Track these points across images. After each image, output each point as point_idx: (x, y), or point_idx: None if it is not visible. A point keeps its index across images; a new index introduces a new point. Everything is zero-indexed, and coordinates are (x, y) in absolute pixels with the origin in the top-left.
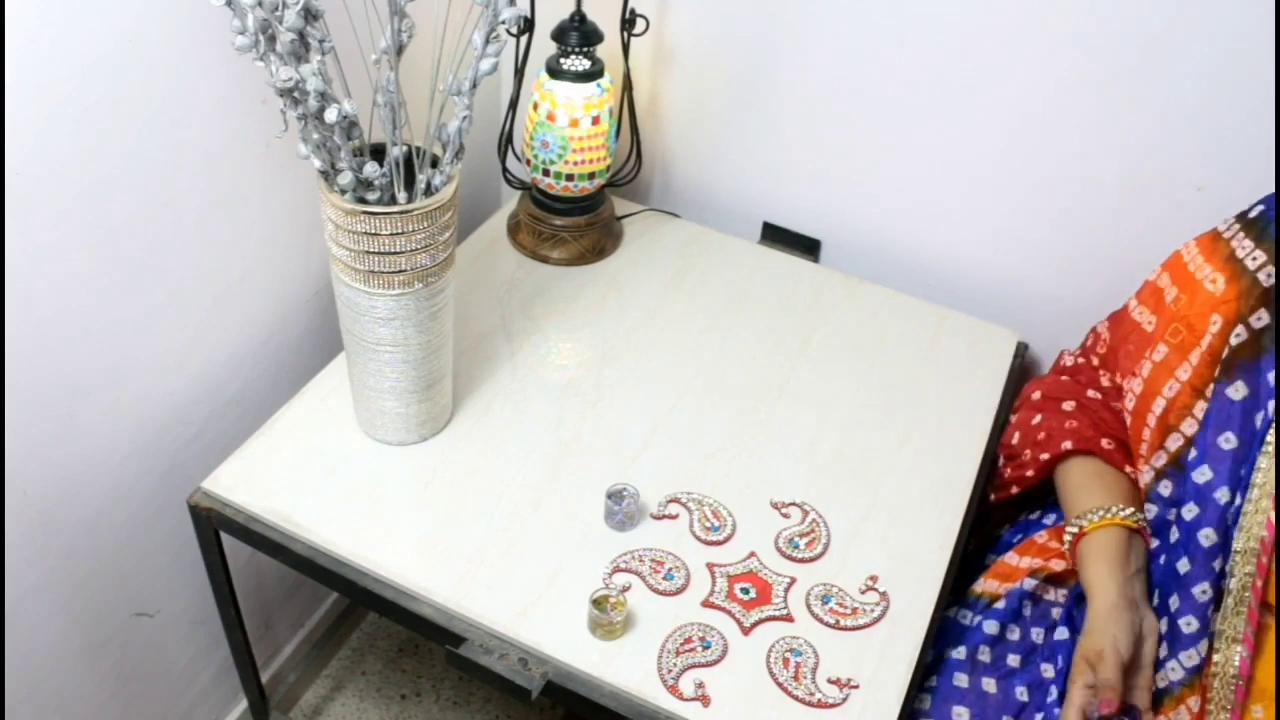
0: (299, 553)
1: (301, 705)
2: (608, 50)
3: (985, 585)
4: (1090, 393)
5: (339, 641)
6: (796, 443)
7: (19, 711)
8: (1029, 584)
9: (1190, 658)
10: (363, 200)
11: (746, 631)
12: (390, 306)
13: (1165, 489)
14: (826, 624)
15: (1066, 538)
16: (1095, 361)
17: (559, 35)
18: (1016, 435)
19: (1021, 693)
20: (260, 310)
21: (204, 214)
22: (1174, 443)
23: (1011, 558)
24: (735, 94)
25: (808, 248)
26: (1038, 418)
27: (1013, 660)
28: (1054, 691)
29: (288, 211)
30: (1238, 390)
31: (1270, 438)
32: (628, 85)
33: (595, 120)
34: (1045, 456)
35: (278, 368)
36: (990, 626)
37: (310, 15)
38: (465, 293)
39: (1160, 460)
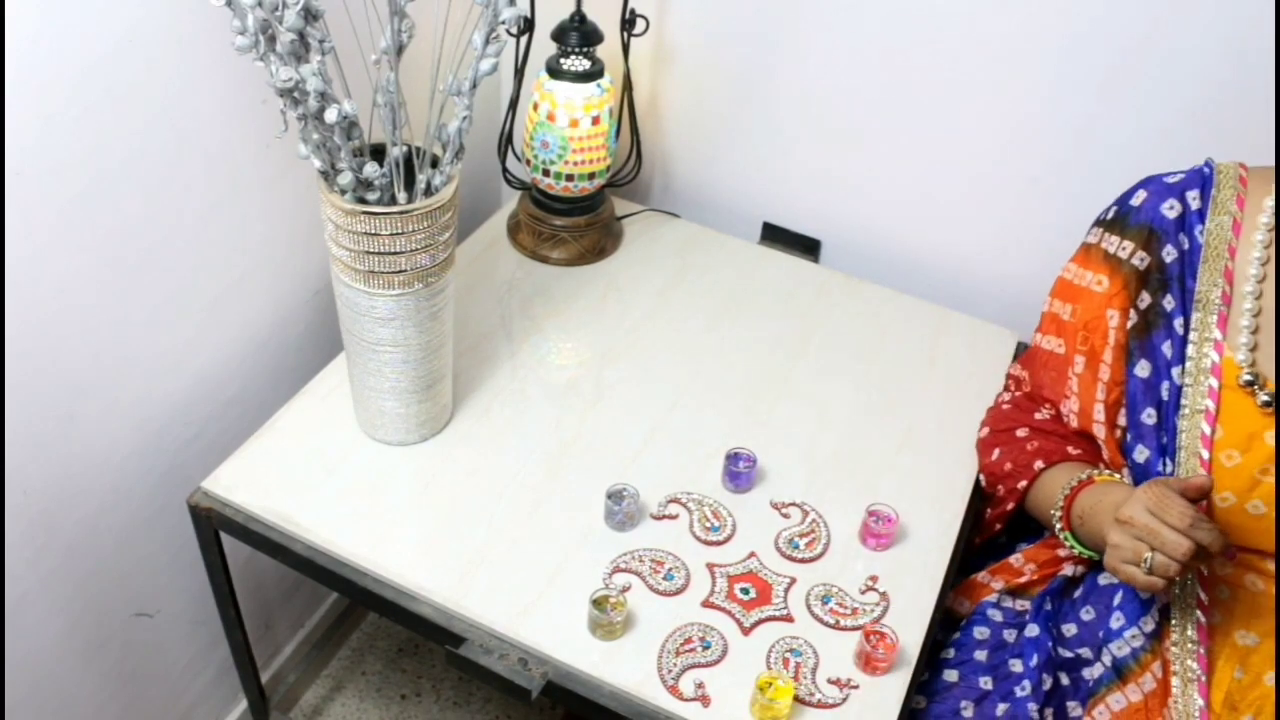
0: (299, 553)
1: (301, 705)
2: (608, 50)
3: (953, 601)
4: (1038, 415)
5: (339, 641)
6: (796, 443)
7: (19, 711)
8: (995, 594)
9: (1147, 623)
10: (363, 200)
11: (746, 631)
12: (390, 306)
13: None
14: (826, 624)
15: (1055, 512)
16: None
17: (559, 35)
18: (983, 477)
19: (985, 682)
20: (260, 310)
21: (204, 214)
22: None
23: (983, 576)
24: (735, 94)
25: (808, 248)
26: (996, 453)
27: (979, 655)
28: (1027, 685)
29: (288, 211)
30: (1143, 369)
31: (1185, 401)
32: (628, 85)
33: (595, 120)
34: (1022, 484)
35: (278, 368)
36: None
37: (310, 15)
38: (465, 293)
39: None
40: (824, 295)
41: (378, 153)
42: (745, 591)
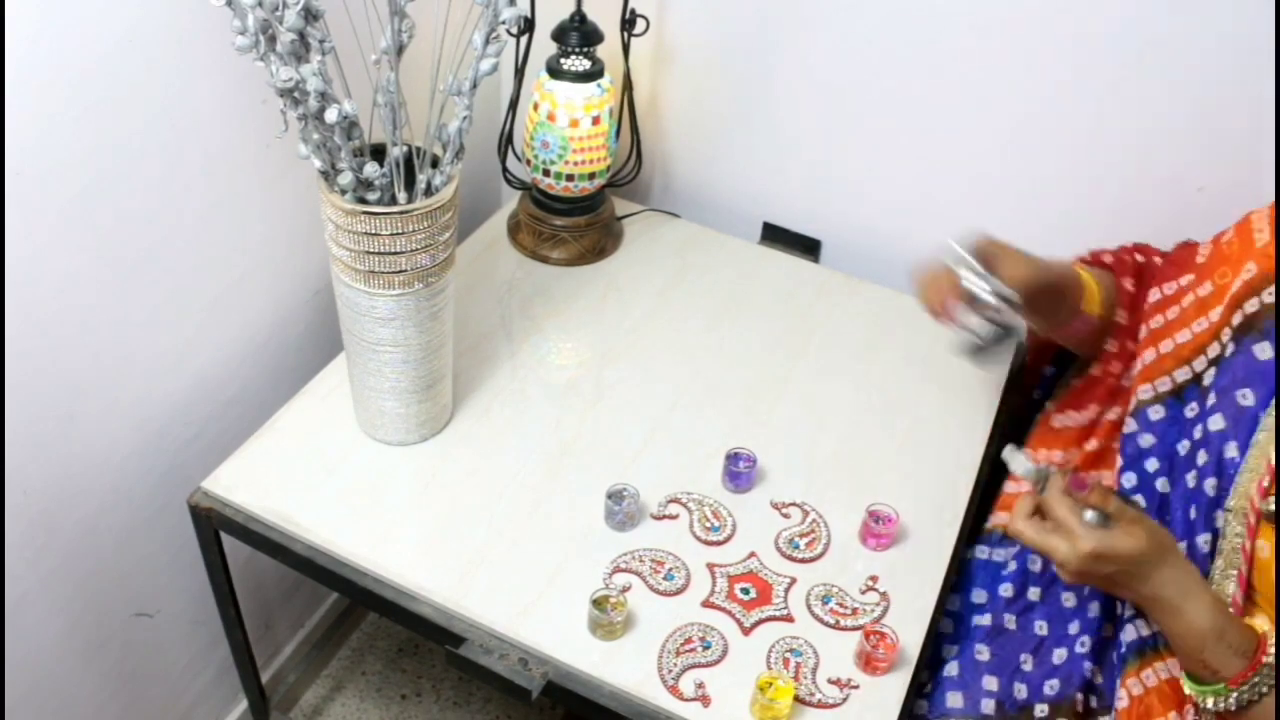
0: (299, 553)
1: (301, 705)
2: (608, 50)
3: (996, 519)
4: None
5: (339, 641)
6: (796, 443)
7: (19, 711)
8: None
9: None
10: (363, 200)
11: (746, 631)
12: (390, 306)
13: (1156, 413)
14: (826, 624)
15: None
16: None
17: (559, 35)
18: None
19: (1040, 627)
20: (260, 310)
21: (204, 214)
22: (1182, 375)
23: (1009, 486)
24: (735, 94)
25: (808, 248)
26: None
27: (1033, 593)
28: (1075, 624)
29: (288, 211)
30: (1264, 350)
31: (1271, 400)
32: (628, 85)
33: (595, 120)
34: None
35: (278, 368)
36: (1010, 563)
37: (310, 15)
38: (465, 293)
39: (1165, 386)
40: (824, 295)
41: (378, 153)
42: (745, 591)
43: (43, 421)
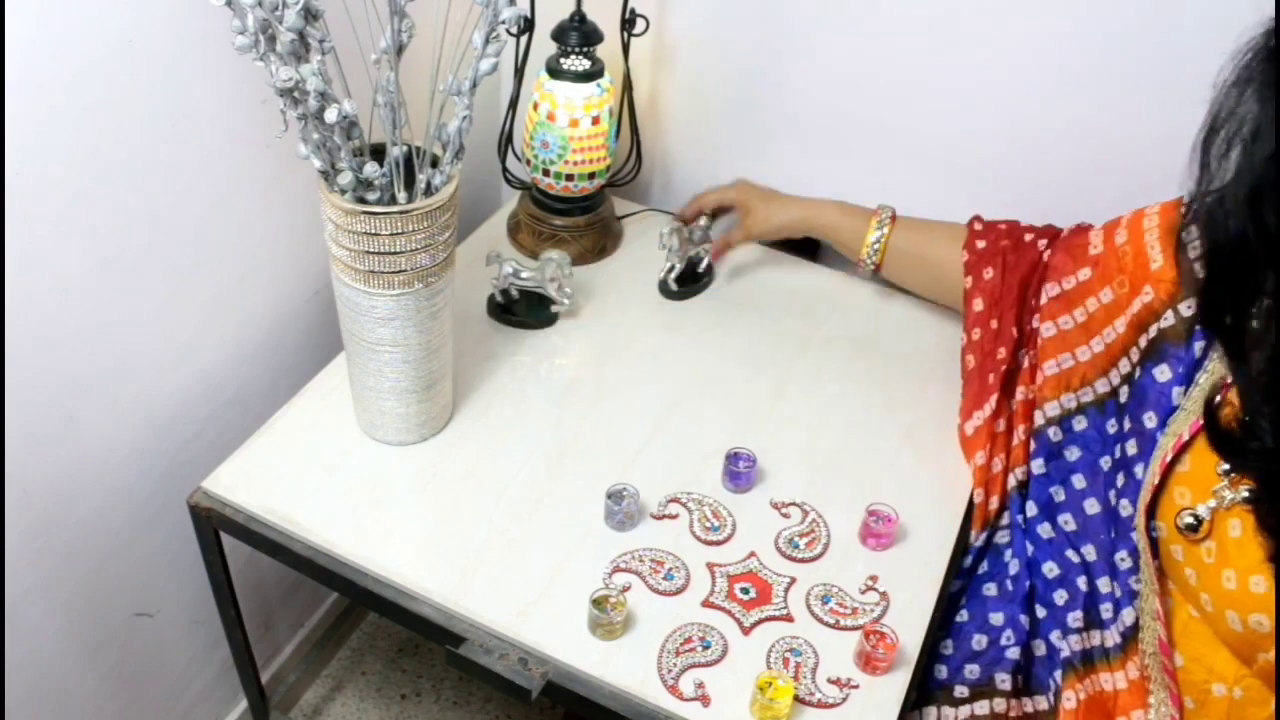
0: (299, 553)
1: (301, 705)
2: (608, 50)
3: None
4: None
5: (339, 641)
6: (796, 443)
7: (19, 711)
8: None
9: (1128, 616)
10: (363, 200)
11: (746, 631)
12: (390, 306)
13: (1080, 424)
14: (826, 624)
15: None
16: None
17: (559, 35)
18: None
19: (961, 615)
20: (260, 310)
21: (204, 214)
22: (1103, 386)
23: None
24: (735, 94)
25: (808, 248)
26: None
27: (955, 585)
28: (1000, 615)
29: (288, 211)
30: (1163, 373)
31: (1170, 419)
32: (628, 85)
33: (595, 120)
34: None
35: (278, 368)
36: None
37: (310, 15)
38: (465, 293)
39: (1088, 396)
40: (824, 295)
41: (378, 153)
42: (745, 591)
43: (43, 421)
